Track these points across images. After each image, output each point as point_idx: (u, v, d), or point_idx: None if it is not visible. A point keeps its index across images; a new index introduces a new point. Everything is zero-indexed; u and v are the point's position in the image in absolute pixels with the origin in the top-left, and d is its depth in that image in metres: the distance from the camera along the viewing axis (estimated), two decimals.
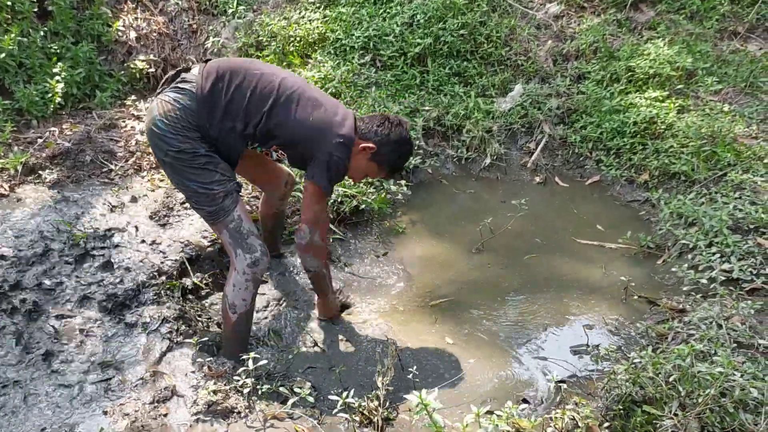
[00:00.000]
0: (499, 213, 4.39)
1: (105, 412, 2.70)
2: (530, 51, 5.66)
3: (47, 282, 3.28)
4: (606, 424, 2.58)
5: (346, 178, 3.20)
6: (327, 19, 5.63)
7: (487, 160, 5.03)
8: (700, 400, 2.49)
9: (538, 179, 5.01)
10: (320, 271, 3.12)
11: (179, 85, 2.80)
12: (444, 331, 3.41)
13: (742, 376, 2.54)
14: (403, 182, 4.50)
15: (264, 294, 3.54)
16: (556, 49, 5.75)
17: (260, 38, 5.62)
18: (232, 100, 2.76)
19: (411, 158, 3.10)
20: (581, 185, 4.95)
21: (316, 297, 3.41)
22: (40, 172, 4.27)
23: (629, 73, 5.37)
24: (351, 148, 2.89)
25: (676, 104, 5.03)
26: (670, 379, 2.60)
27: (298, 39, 5.55)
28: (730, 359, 2.57)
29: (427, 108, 5.11)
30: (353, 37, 5.47)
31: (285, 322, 3.40)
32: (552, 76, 5.57)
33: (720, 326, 3.09)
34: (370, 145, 2.92)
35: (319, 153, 2.83)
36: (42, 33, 5.06)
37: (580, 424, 2.52)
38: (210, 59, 2.90)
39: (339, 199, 4.12)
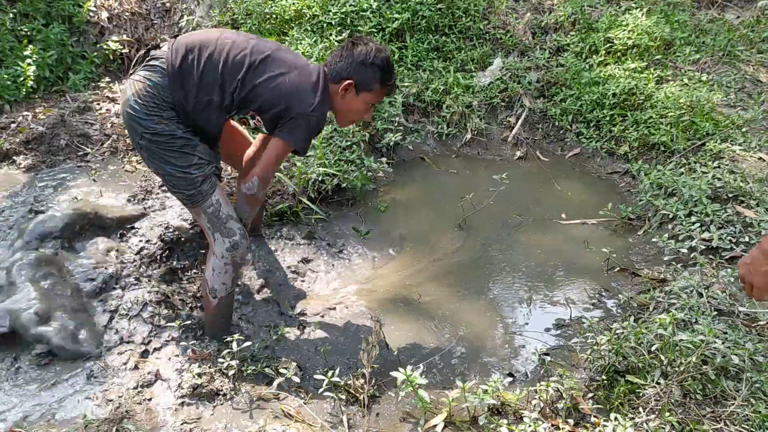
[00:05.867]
0: (480, 189, 4.37)
1: (88, 398, 2.68)
2: (509, 24, 5.63)
3: (23, 265, 3.23)
4: (590, 395, 2.61)
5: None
6: None
7: (468, 136, 5.01)
8: (682, 368, 2.52)
9: (519, 153, 5.00)
10: (247, 222, 3.06)
11: (150, 62, 2.75)
12: (428, 307, 3.42)
13: (723, 343, 2.58)
14: (384, 160, 4.48)
15: (247, 278, 3.52)
16: (535, 22, 5.72)
17: (235, 16, 5.53)
18: (205, 73, 2.70)
19: (394, 70, 3.01)
20: (562, 158, 4.95)
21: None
22: (14, 157, 4.20)
23: (608, 45, 5.37)
24: (328, 105, 2.88)
25: (655, 75, 5.04)
26: (653, 348, 2.63)
27: (274, 16, 5.47)
28: (711, 327, 2.61)
29: (406, 84, 5.06)
30: (330, 13, 5.39)
31: (269, 304, 3.38)
32: (531, 49, 5.54)
33: (701, 295, 3.13)
34: (348, 81, 2.87)
35: (297, 114, 2.77)
36: (11, 15, 4.95)
37: (564, 395, 2.54)
38: (178, 34, 2.84)
39: (321, 178, 4.09)
